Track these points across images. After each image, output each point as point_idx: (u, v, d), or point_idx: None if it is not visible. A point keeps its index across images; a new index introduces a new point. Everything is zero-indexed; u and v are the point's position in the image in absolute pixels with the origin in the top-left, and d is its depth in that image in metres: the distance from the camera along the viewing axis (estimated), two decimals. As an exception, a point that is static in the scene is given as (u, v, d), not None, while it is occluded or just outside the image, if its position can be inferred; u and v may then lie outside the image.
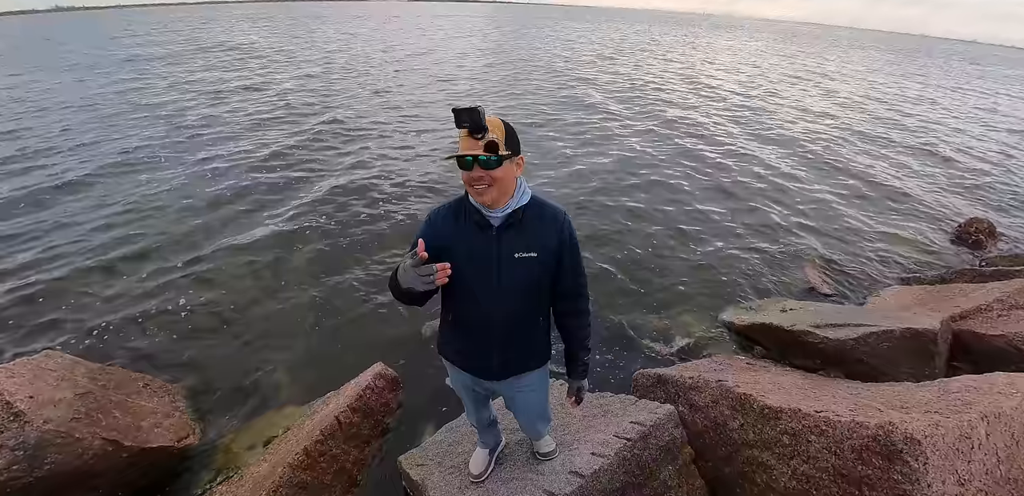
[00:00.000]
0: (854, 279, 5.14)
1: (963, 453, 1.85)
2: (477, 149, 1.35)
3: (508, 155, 1.40)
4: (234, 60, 18.74)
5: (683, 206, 6.76)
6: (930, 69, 29.81)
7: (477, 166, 1.37)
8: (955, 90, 21.57)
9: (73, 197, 6.40)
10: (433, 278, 1.26)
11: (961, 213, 7.11)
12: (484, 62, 20.05)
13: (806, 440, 2.12)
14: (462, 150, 1.37)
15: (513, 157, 1.43)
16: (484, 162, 1.36)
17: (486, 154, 1.35)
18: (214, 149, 8.36)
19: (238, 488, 2.48)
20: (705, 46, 34.80)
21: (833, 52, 37.84)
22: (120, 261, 4.92)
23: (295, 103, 11.80)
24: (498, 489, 2.18)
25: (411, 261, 1.26)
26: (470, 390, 1.90)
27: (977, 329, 3.40)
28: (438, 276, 1.27)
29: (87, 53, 18.41)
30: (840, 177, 8.43)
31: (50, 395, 2.53)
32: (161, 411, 3.01)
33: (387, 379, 3.16)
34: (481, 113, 1.32)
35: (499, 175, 1.40)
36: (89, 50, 18.12)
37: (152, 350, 3.74)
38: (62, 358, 2.98)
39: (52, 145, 8.54)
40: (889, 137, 11.48)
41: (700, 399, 2.61)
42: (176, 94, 12.60)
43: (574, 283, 1.65)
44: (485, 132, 1.34)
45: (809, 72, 23.74)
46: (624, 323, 4.18)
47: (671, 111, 12.64)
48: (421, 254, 1.25)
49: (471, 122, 1.32)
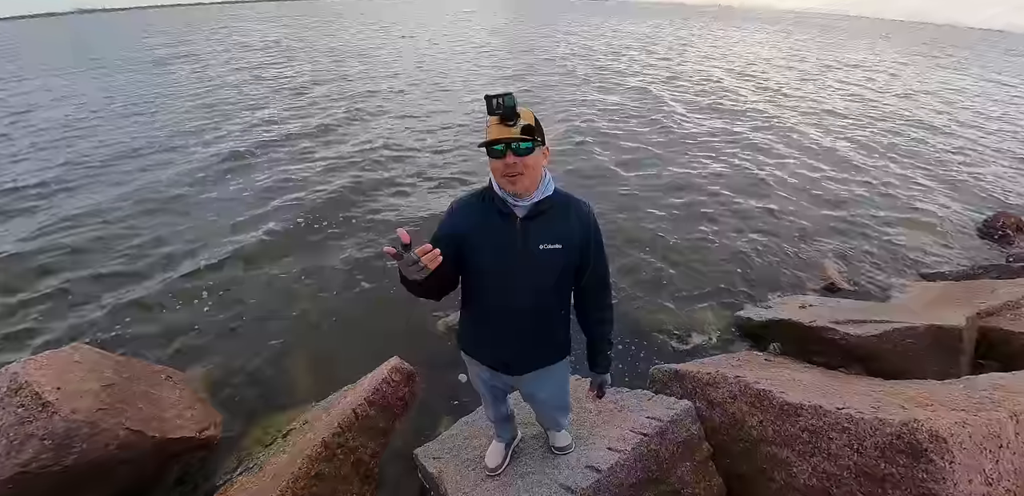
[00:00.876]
0: (875, 275, 5.04)
1: (991, 452, 1.81)
2: (510, 135, 1.33)
3: (540, 142, 1.40)
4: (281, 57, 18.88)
5: (698, 200, 6.69)
6: (971, 62, 28.82)
7: (510, 153, 1.35)
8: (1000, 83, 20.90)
9: (103, 190, 6.54)
10: (421, 265, 1.21)
11: (989, 208, 6.92)
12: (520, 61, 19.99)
13: (827, 437, 2.09)
14: (492, 137, 1.35)
15: (541, 146, 1.43)
16: (518, 149, 1.35)
17: (524, 138, 1.34)
18: (243, 143, 8.46)
19: (259, 479, 2.52)
20: (741, 39, 34.20)
21: (867, 43, 36.82)
22: (145, 258, 5.02)
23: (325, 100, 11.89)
24: (514, 482, 2.19)
25: (393, 256, 1.22)
26: (489, 385, 1.89)
27: (1005, 326, 3.32)
28: (424, 260, 1.21)
29: (132, 53, 18.55)
30: (864, 171, 8.25)
31: (77, 386, 2.59)
32: (183, 403, 3.07)
33: (403, 373, 3.17)
34: (515, 99, 1.32)
35: (531, 162, 1.39)
36: (138, 50, 18.31)
37: (174, 344, 3.82)
38: (89, 351, 3.05)
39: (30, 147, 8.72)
40: (922, 132, 11.20)
41: (718, 395, 2.58)
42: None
43: (598, 277, 1.65)
44: (518, 119, 1.34)
45: (847, 64, 23.24)
46: (641, 318, 4.16)
47: (698, 101, 12.48)
48: (402, 237, 1.21)
49: (504, 108, 1.31)
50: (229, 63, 17.39)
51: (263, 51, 20.16)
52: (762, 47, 29.59)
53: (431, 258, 1.22)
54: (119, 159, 7.86)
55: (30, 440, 2.29)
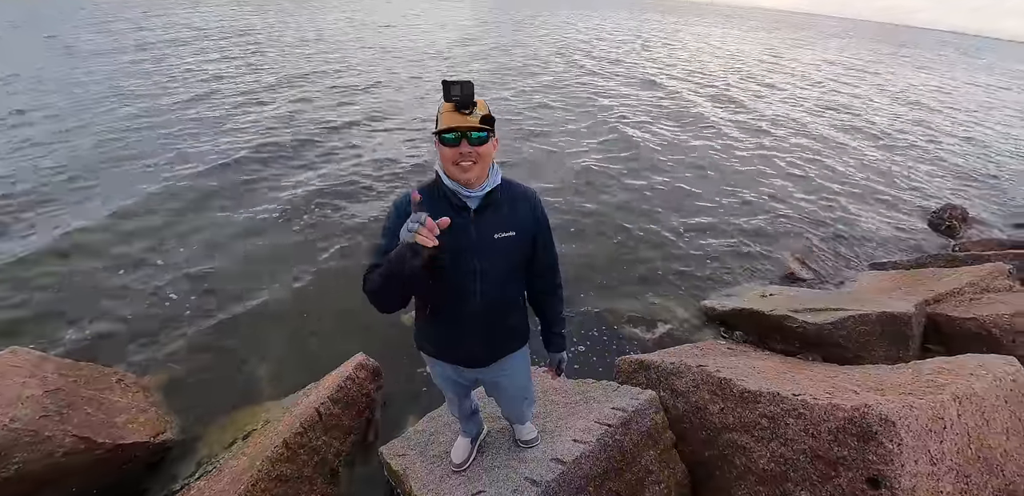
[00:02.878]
0: (832, 264, 5.22)
1: (935, 433, 1.89)
2: (467, 123, 1.31)
3: (492, 132, 1.40)
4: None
5: (662, 192, 6.78)
6: (934, 62, 29.83)
7: (465, 142, 1.34)
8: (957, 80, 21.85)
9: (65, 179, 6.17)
10: (415, 226, 1.17)
11: (936, 200, 7.26)
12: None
13: (784, 423, 2.15)
14: (448, 124, 1.32)
15: (493, 136, 1.42)
16: (473, 138, 1.34)
17: (481, 128, 1.33)
18: (195, 141, 8.11)
19: (216, 483, 2.44)
20: (703, 36, 34.69)
21: (831, 43, 37.89)
22: (89, 254, 4.76)
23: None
24: (480, 477, 2.18)
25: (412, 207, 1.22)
26: (453, 382, 1.87)
27: (950, 312, 3.48)
28: (422, 230, 1.17)
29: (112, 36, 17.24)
30: (820, 165, 8.53)
31: (16, 392, 2.44)
32: (136, 406, 2.94)
33: (368, 369, 3.12)
34: (473, 87, 1.30)
35: (484, 151, 1.38)
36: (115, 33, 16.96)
37: (125, 345, 3.63)
38: (29, 354, 2.88)
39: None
40: (873, 126, 11.63)
41: (681, 384, 2.63)
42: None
43: (549, 258, 1.68)
44: (474, 107, 1.32)
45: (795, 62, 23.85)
46: (606, 310, 4.19)
47: (657, 95, 12.61)
48: (416, 197, 1.21)
49: (462, 96, 1.29)
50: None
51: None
52: (733, 42, 30.11)
53: (431, 231, 1.18)
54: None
55: (-36, 451, 2.15)
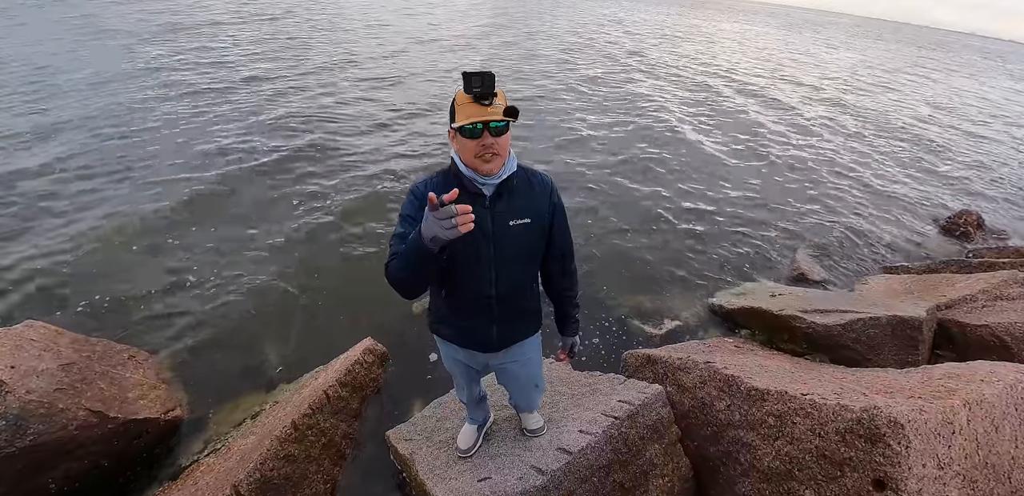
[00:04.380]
0: (843, 266, 5.18)
1: (944, 438, 1.89)
2: (488, 115, 1.30)
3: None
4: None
5: (675, 188, 6.74)
6: (961, 66, 29.28)
7: (487, 133, 1.33)
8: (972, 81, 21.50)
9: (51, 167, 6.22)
10: (454, 222, 1.12)
11: (952, 205, 7.17)
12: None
13: (791, 422, 2.15)
14: (470, 117, 1.30)
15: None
16: (495, 129, 1.33)
17: (504, 119, 1.31)
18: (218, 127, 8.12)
19: (225, 460, 2.48)
20: (735, 32, 34.24)
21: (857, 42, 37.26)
22: (104, 236, 4.80)
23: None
24: (486, 464, 2.20)
25: (428, 207, 1.14)
26: (464, 366, 1.89)
27: (962, 319, 3.45)
28: (459, 220, 1.12)
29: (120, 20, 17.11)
30: (836, 167, 8.43)
31: (32, 365, 2.49)
32: (147, 383, 2.99)
33: (376, 354, 3.15)
34: (494, 78, 1.28)
35: (505, 142, 1.38)
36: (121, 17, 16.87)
37: (139, 324, 3.67)
38: (45, 328, 2.93)
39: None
40: (893, 130, 11.47)
41: (688, 380, 2.64)
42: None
43: (564, 244, 1.69)
44: (494, 98, 1.30)
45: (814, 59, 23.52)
46: (615, 304, 4.20)
47: (684, 93, 12.49)
48: (432, 199, 1.11)
49: (483, 86, 1.28)
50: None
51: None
52: (743, 38, 29.70)
53: (465, 220, 1.13)
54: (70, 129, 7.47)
55: (-18, 420, 2.19)
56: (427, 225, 1.17)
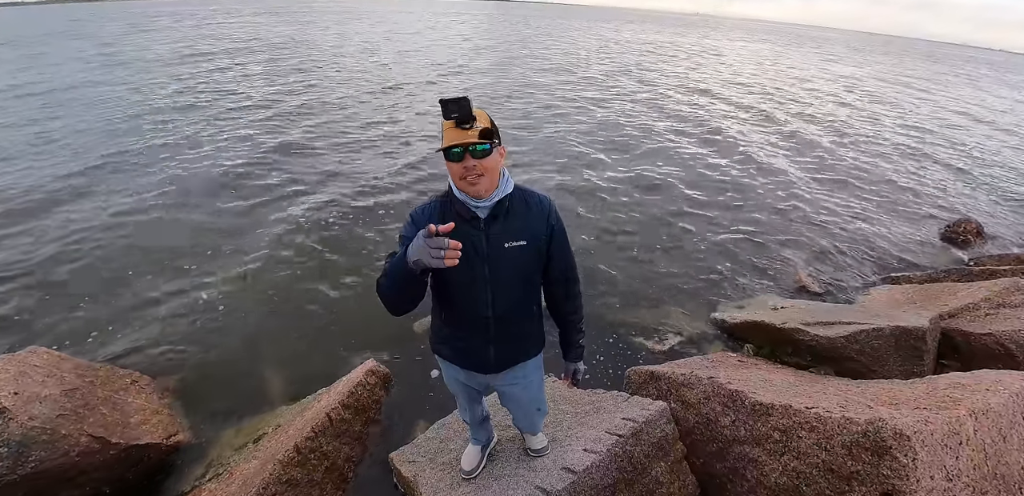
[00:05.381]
0: (844, 278, 5.18)
1: (951, 449, 1.87)
2: (467, 139, 1.33)
3: (496, 143, 1.41)
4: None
5: (674, 203, 6.79)
6: (969, 77, 29.60)
7: (468, 156, 1.36)
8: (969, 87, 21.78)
9: (66, 197, 6.31)
10: (442, 254, 1.18)
11: (950, 213, 7.19)
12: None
13: (797, 436, 2.13)
14: (450, 141, 1.34)
15: (497, 146, 1.43)
16: (476, 151, 1.35)
17: (482, 142, 1.34)
18: (212, 148, 8.27)
19: (227, 485, 2.46)
20: (715, 47, 34.91)
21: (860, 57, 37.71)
22: (105, 260, 4.85)
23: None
24: (490, 485, 2.18)
25: (425, 231, 1.19)
26: (465, 386, 1.89)
27: (965, 327, 3.43)
28: (447, 254, 1.18)
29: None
30: (833, 177, 8.48)
31: (35, 391, 2.49)
32: (149, 408, 2.98)
33: (378, 376, 3.14)
34: (470, 103, 1.32)
35: (489, 165, 1.39)
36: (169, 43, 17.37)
37: (139, 348, 3.67)
38: (48, 354, 2.94)
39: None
40: (886, 139, 11.58)
41: (692, 396, 2.62)
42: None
43: (564, 268, 1.68)
44: (473, 121, 1.34)
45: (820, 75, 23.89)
46: (617, 320, 4.19)
47: (678, 106, 12.67)
48: (431, 228, 1.18)
49: (460, 112, 1.31)
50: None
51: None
52: (742, 54, 30.24)
53: (453, 254, 1.19)
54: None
55: (-16, 448, 2.19)
56: (416, 247, 1.22)
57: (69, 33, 19.17)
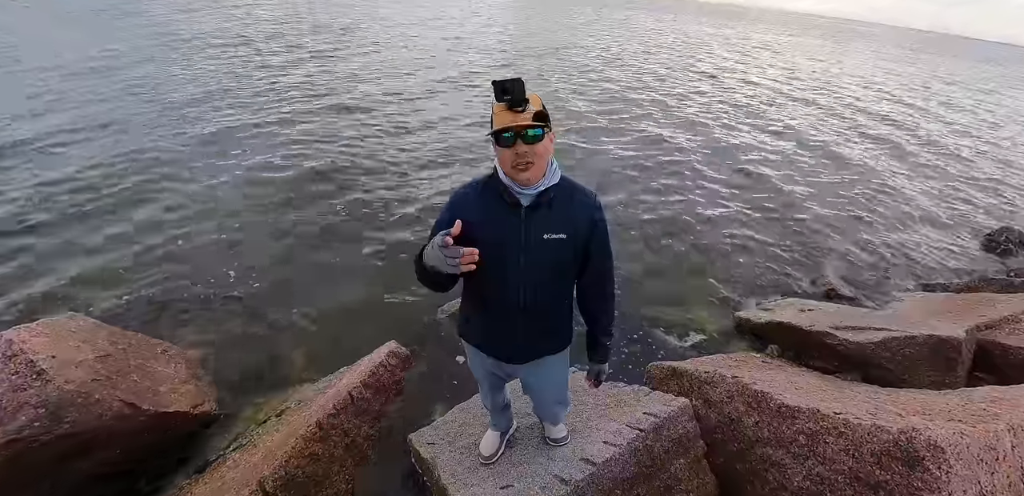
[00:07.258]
0: (876, 283, 5.04)
1: (987, 464, 1.81)
2: (519, 121, 1.29)
3: (548, 128, 1.36)
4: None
5: (708, 201, 6.66)
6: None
7: (520, 141, 1.31)
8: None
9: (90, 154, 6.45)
10: (458, 261, 1.20)
11: (995, 221, 6.93)
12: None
13: (823, 441, 2.09)
14: (501, 124, 1.30)
15: (549, 131, 1.38)
16: (527, 137, 1.31)
17: (534, 125, 1.29)
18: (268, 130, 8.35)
19: (251, 456, 2.52)
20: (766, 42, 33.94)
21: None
22: (143, 232, 4.96)
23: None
24: (508, 471, 2.19)
25: (440, 240, 1.21)
26: (489, 373, 1.88)
27: (1003, 340, 3.32)
28: (463, 260, 1.20)
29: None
30: (875, 179, 8.22)
31: (72, 356, 2.57)
32: (178, 377, 3.05)
33: (400, 357, 3.16)
34: (524, 85, 1.27)
35: (541, 151, 1.35)
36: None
37: (173, 319, 3.78)
38: (84, 321, 3.03)
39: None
40: (937, 142, 11.18)
41: (715, 394, 2.59)
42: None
43: (601, 267, 1.63)
44: (526, 104, 1.29)
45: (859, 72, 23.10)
46: (640, 315, 4.15)
47: (721, 104, 12.40)
48: (453, 233, 1.22)
49: (514, 94, 1.27)
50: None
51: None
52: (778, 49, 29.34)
53: (468, 260, 1.22)
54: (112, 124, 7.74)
55: (23, 408, 2.26)
56: (431, 255, 1.25)
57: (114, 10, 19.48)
